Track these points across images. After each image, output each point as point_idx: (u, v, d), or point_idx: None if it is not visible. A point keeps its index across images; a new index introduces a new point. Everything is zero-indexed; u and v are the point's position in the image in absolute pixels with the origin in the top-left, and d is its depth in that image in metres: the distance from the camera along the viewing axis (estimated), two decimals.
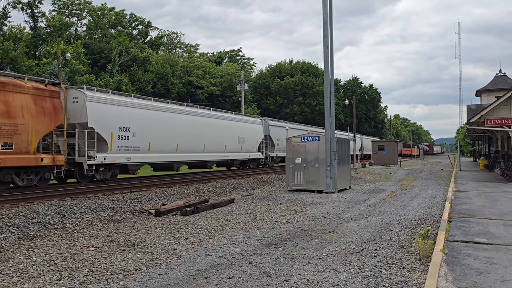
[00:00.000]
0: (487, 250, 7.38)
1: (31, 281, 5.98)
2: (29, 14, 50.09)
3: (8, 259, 7.20)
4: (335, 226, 10.22)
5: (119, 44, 52.84)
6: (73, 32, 58.23)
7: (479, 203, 13.57)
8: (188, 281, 6.01)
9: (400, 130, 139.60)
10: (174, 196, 15.60)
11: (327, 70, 18.05)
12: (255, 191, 18.29)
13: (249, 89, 60.41)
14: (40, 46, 48.29)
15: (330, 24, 17.98)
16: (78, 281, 6.01)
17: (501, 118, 21.70)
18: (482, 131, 31.04)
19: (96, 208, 12.35)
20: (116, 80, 45.60)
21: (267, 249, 7.89)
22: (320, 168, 17.80)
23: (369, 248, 7.87)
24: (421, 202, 14.55)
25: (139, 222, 10.86)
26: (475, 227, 9.47)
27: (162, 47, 71.27)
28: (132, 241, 8.58)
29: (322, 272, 6.38)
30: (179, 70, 56.79)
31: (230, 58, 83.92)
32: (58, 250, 7.80)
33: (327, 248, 7.90)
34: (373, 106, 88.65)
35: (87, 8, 59.09)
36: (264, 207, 13.38)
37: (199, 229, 9.79)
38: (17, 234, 9.05)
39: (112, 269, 6.57)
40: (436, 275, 5.71)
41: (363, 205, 13.98)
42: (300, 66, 75.64)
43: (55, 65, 37.79)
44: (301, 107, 67.77)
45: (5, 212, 10.70)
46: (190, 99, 52.39)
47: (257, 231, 9.57)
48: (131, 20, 66.58)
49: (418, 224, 10.26)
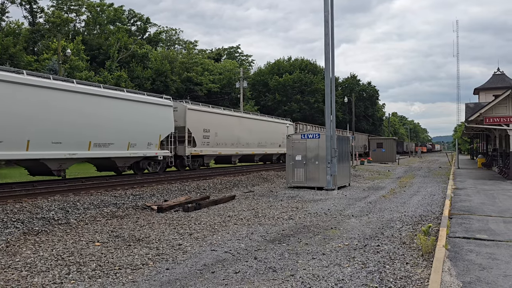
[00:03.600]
0: (489, 246, 7.50)
1: (41, 275, 6.06)
2: (28, 10, 49.95)
3: (16, 253, 7.27)
4: (337, 222, 10.32)
5: (118, 40, 52.75)
6: (71, 28, 58.05)
7: (479, 200, 13.71)
8: (195, 276, 6.10)
9: (398, 128, 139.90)
10: (175, 193, 15.68)
11: (327, 68, 18.13)
12: (256, 188, 18.38)
13: (248, 86, 60.43)
14: (39, 42, 48.16)
15: (331, 22, 18.05)
16: (87, 275, 6.09)
17: (499, 116, 21.85)
18: (480, 129, 31.22)
19: (99, 204, 12.42)
20: (115, 76, 45.53)
21: (271, 244, 7.98)
22: (320, 165, 17.90)
23: (371, 244, 7.97)
24: (420, 199, 14.67)
25: (142, 218, 10.94)
26: (475, 224, 9.59)
27: (160, 44, 71.15)
28: (136, 236, 8.66)
29: (327, 267, 6.48)
30: (178, 66, 56.75)
31: (229, 55, 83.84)
32: (64, 245, 7.87)
33: (330, 244, 8.00)
34: (371, 104, 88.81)
35: (85, 4, 58.93)
36: (265, 204, 13.48)
37: (202, 225, 9.88)
38: (22, 230, 9.12)
39: (119, 264, 6.65)
40: (440, 270, 5.82)
41: (363, 202, 14.09)
42: (299, 63, 75.63)
43: (54, 61, 37.75)
44: (300, 104, 67.83)
45: (9, 207, 10.77)
46: (189, 96, 52.38)
47: (260, 227, 9.66)
48: (129, 16, 66.43)
49: (419, 221, 10.37)
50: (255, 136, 30.24)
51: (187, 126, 22.44)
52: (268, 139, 32.17)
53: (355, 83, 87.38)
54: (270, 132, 32.73)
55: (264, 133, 31.65)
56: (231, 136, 27.03)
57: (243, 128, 28.65)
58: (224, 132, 26.19)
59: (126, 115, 18.13)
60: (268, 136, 32.27)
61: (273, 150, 33.43)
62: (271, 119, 34.48)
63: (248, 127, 29.25)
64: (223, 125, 26.18)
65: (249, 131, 29.33)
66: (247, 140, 28.99)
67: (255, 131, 30.22)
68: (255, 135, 30.14)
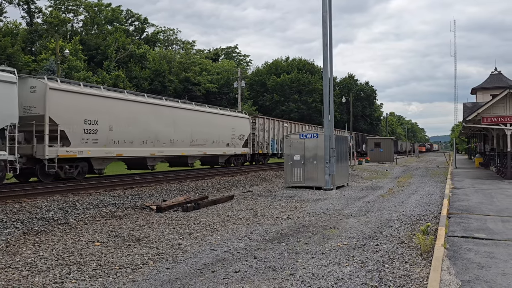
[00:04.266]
0: (487, 245, 7.55)
1: (41, 275, 6.07)
2: (26, 10, 49.86)
3: (16, 253, 7.29)
4: (336, 222, 10.36)
5: (116, 40, 52.72)
6: (69, 28, 58.00)
7: (477, 199, 13.77)
8: (195, 275, 6.13)
9: (396, 127, 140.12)
10: (174, 193, 15.69)
11: (326, 68, 18.18)
12: (254, 188, 18.41)
13: (246, 86, 60.46)
14: (37, 42, 48.10)
15: (329, 22, 18.09)
16: (87, 274, 6.11)
17: (497, 116, 21.93)
18: (478, 129, 31.31)
19: (98, 204, 12.43)
20: (113, 76, 45.51)
21: (270, 244, 8.02)
22: (318, 165, 17.95)
23: (370, 243, 8.01)
24: (419, 198, 14.73)
25: (141, 218, 10.95)
26: (474, 223, 9.64)
27: (158, 44, 71.14)
28: (136, 236, 8.68)
29: (326, 266, 6.52)
30: (176, 66, 56.76)
31: (227, 55, 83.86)
32: (64, 245, 7.89)
33: (329, 243, 8.04)
34: (369, 104, 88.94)
35: (83, 4, 58.88)
36: (264, 203, 13.51)
37: (201, 225, 9.90)
38: (21, 230, 9.12)
39: (120, 263, 6.68)
40: (439, 268, 5.86)
41: (362, 201, 14.14)
42: (296, 63, 75.74)
43: (52, 61, 37.72)
44: (297, 104, 67.91)
45: (8, 207, 10.77)
46: (187, 96, 52.40)
47: (259, 227, 9.69)
48: (127, 16, 66.42)
49: (417, 220, 10.42)
50: (186, 132, 23.17)
51: (49, 114, 15.37)
52: (209, 136, 25.12)
53: (353, 83, 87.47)
54: (213, 126, 25.52)
55: (202, 128, 24.49)
56: (142, 131, 19.76)
57: (165, 121, 21.46)
58: (128, 126, 18.95)
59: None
60: (209, 132, 25.19)
61: (217, 150, 26.30)
62: (214, 110, 26.84)
63: (173, 120, 22.09)
64: (126, 115, 18.87)
65: (175, 124, 22.18)
66: (170, 137, 21.85)
67: (186, 125, 23.09)
68: (185, 130, 23.01)
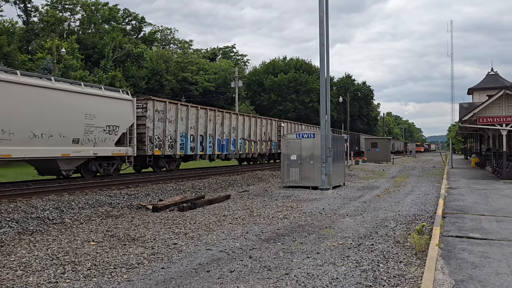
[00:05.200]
0: (481, 245, 7.58)
1: (36, 275, 6.06)
2: (22, 9, 49.69)
3: (10, 253, 7.26)
4: (332, 221, 10.38)
5: (113, 39, 52.60)
6: (66, 27, 57.83)
7: (472, 199, 13.81)
8: (190, 275, 6.13)
9: (393, 127, 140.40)
10: (171, 192, 15.68)
11: (322, 68, 18.18)
12: (251, 188, 18.41)
13: (243, 86, 60.46)
14: (33, 41, 47.94)
15: (326, 22, 18.09)
16: (82, 274, 6.10)
17: (493, 116, 22.00)
18: (474, 129, 31.41)
19: (94, 203, 12.41)
20: (110, 75, 45.40)
21: (266, 243, 8.02)
22: (315, 164, 17.96)
23: (365, 243, 8.03)
24: (414, 198, 14.77)
25: (137, 217, 10.94)
26: (468, 223, 9.68)
27: (155, 43, 71.07)
28: (132, 236, 8.67)
29: (321, 266, 6.53)
30: (173, 66, 56.69)
31: (224, 54, 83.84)
32: (59, 245, 7.87)
33: (324, 243, 8.05)
34: (366, 104, 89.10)
35: (80, 3, 58.72)
36: (260, 203, 13.51)
37: (197, 225, 9.90)
38: (16, 229, 9.10)
39: (114, 263, 6.67)
40: (433, 268, 5.88)
41: (358, 201, 14.16)
42: (294, 63, 75.79)
43: (49, 60, 37.59)
44: (295, 104, 67.96)
45: (3, 207, 10.73)
46: (184, 95, 52.34)
47: (255, 227, 9.69)
48: (124, 15, 66.29)
49: (413, 220, 10.45)
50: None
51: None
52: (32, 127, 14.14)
53: (350, 83, 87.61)
54: (38, 109, 14.27)
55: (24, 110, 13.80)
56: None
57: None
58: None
59: None
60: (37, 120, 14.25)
61: (51, 150, 14.87)
62: (44, 83, 14.71)
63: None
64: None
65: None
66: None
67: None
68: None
